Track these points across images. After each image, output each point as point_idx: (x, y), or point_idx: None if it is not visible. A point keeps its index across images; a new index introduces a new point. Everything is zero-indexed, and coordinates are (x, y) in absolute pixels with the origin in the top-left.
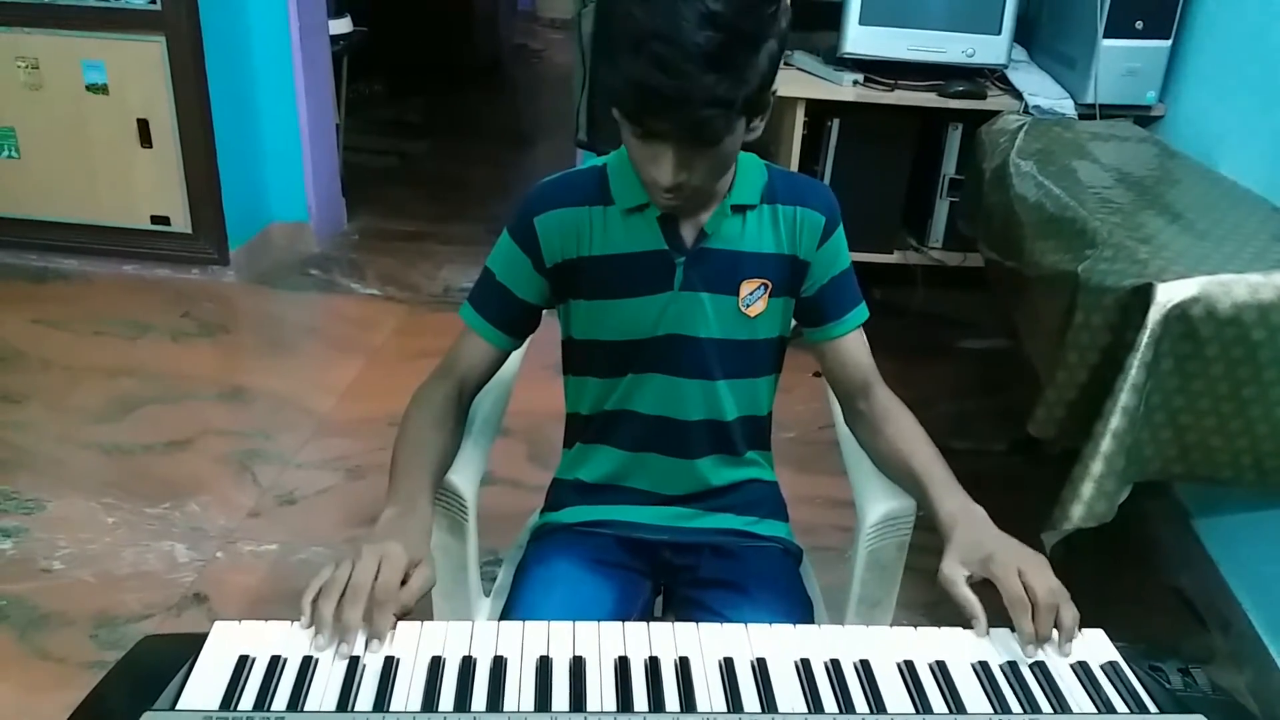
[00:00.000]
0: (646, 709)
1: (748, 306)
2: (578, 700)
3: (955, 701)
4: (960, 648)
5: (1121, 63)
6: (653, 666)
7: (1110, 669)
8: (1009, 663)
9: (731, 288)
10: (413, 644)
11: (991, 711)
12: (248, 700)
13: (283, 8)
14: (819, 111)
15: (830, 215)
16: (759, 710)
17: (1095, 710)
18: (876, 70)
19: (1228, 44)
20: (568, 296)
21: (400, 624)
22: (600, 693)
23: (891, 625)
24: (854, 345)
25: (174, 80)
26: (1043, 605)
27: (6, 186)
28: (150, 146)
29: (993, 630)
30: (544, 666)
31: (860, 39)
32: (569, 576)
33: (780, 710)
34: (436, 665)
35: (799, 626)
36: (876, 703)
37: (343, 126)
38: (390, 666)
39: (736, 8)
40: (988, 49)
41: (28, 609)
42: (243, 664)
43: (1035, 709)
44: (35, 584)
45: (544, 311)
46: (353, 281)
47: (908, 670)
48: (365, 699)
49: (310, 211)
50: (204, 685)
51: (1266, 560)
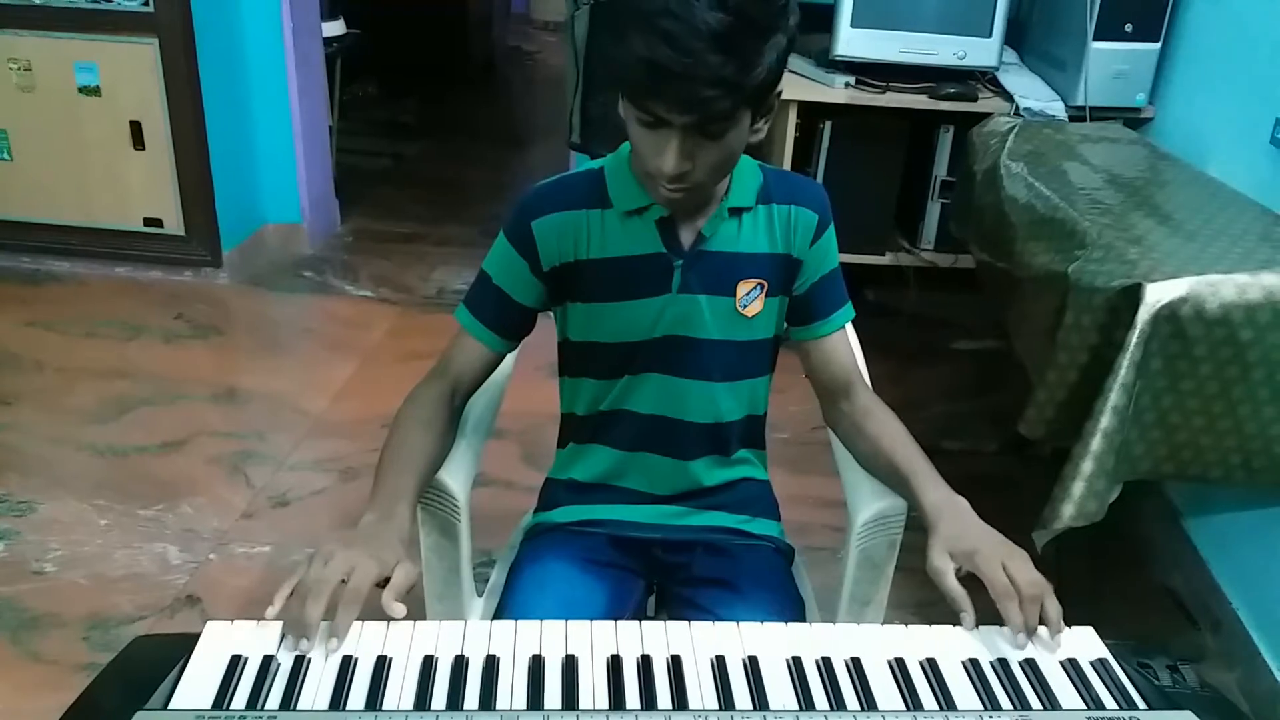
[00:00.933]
0: (639, 707)
1: (745, 307)
2: (570, 699)
3: (946, 699)
4: (951, 646)
5: (1111, 65)
6: (645, 665)
7: (1100, 666)
8: (999, 660)
9: (729, 289)
10: (405, 643)
11: (982, 708)
12: (240, 699)
13: (276, 10)
14: (811, 114)
15: (823, 213)
16: (751, 708)
17: (1085, 707)
18: (868, 72)
19: (1216, 47)
20: (565, 299)
21: (393, 624)
22: (593, 691)
23: (883, 624)
24: (838, 345)
25: (167, 82)
26: (1027, 597)
27: None
28: (143, 149)
29: (982, 628)
30: (536, 665)
31: (852, 41)
32: (562, 576)
33: (772, 708)
34: (429, 664)
35: (790, 625)
36: (867, 700)
37: (336, 128)
38: (383, 666)
39: None
40: (979, 51)
41: (19, 611)
42: (235, 663)
43: (1025, 706)
44: (27, 586)
45: (539, 314)
46: (346, 283)
47: (899, 668)
48: (357, 698)
49: (303, 213)
50: (196, 685)
51: (1257, 559)
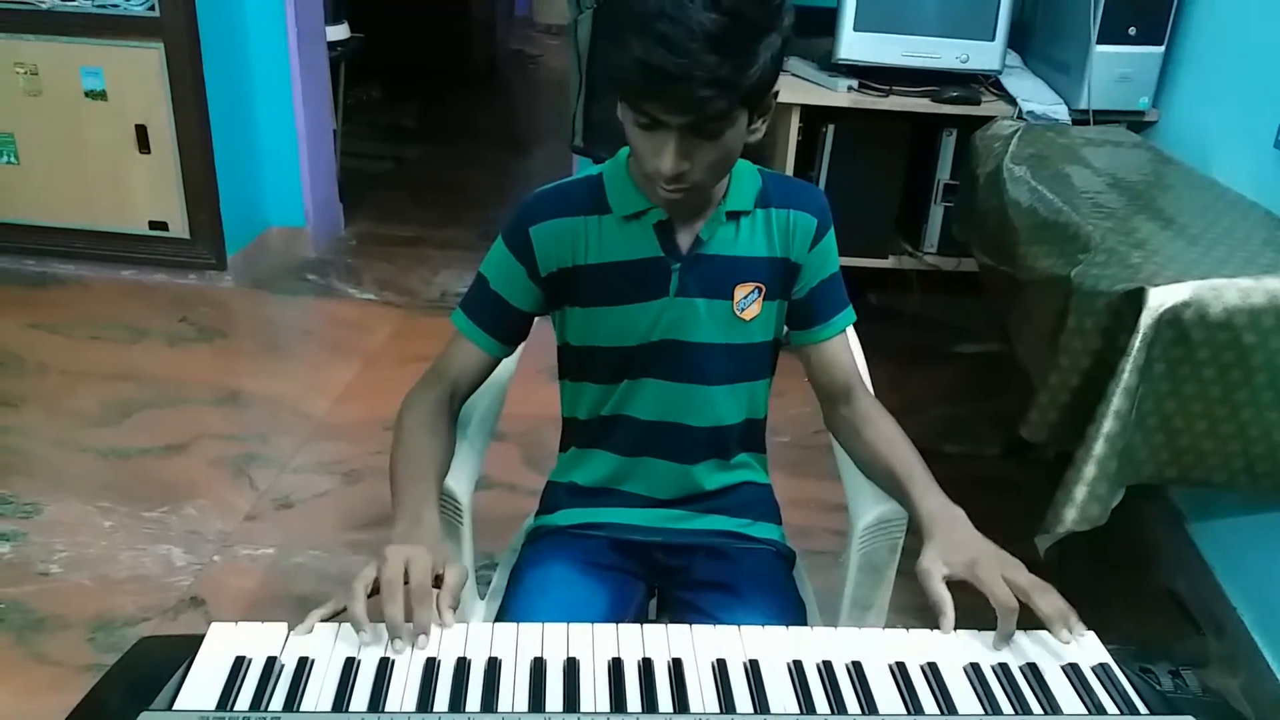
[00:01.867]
0: (640, 710)
1: (742, 310)
2: (571, 701)
3: (947, 702)
4: (952, 649)
5: (1114, 69)
6: (646, 668)
7: (1101, 670)
8: (1000, 664)
9: (726, 292)
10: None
11: (983, 712)
12: (244, 701)
13: (280, 14)
14: (814, 117)
15: (822, 218)
16: (751, 711)
17: (1086, 711)
18: (871, 76)
19: (1220, 50)
20: (563, 304)
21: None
22: (594, 694)
23: (884, 628)
24: (839, 349)
25: (172, 86)
26: (1034, 594)
27: (5, 192)
28: (148, 152)
29: (983, 632)
30: (538, 668)
31: (855, 45)
32: (563, 579)
33: (773, 711)
34: (431, 666)
35: (791, 628)
36: (869, 704)
37: (340, 132)
38: (385, 667)
39: None
40: (982, 55)
41: (25, 612)
42: (239, 665)
43: (1026, 710)
44: (32, 587)
45: (537, 317)
46: (349, 286)
47: (899, 671)
48: (360, 700)
49: (307, 217)
50: (201, 686)
51: (1261, 564)
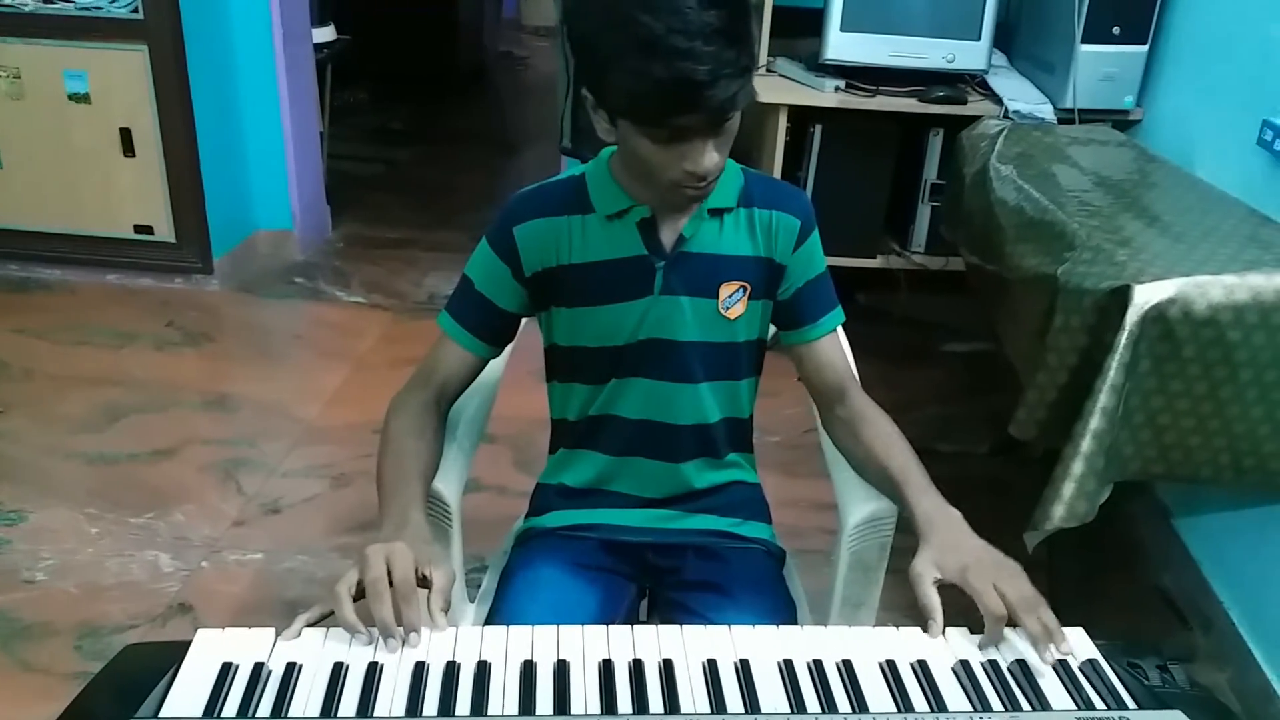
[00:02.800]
0: (630, 711)
1: (727, 309)
2: (562, 704)
3: (937, 700)
4: (941, 647)
5: (1099, 68)
6: (636, 669)
7: (1089, 667)
8: (989, 662)
9: (711, 291)
10: (396, 649)
11: (972, 710)
12: (231, 707)
13: (266, 16)
14: (801, 118)
15: (805, 219)
16: (742, 711)
17: (1075, 707)
18: (858, 76)
19: (1203, 49)
20: (549, 304)
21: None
22: (584, 696)
23: (874, 626)
24: (830, 349)
25: (157, 89)
26: (1021, 610)
27: None
28: (133, 156)
29: (973, 634)
30: (528, 670)
31: (841, 45)
32: (553, 581)
33: (764, 711)
34: (420, 670)
35: (782, 628)
36: (859, 702)
37: (327, 134)
38: (374, 672)
39: None
40: (968, 55)
41: (10, 620)
42: (226, 671)
43: (1015, 707)
44: (18, 595)
45: (524, 319)
46: (337, 289)
47: (890, 670)
48: (349, 705)
49: (295, 219)
50: (187, 693)
51: (1247, 559)
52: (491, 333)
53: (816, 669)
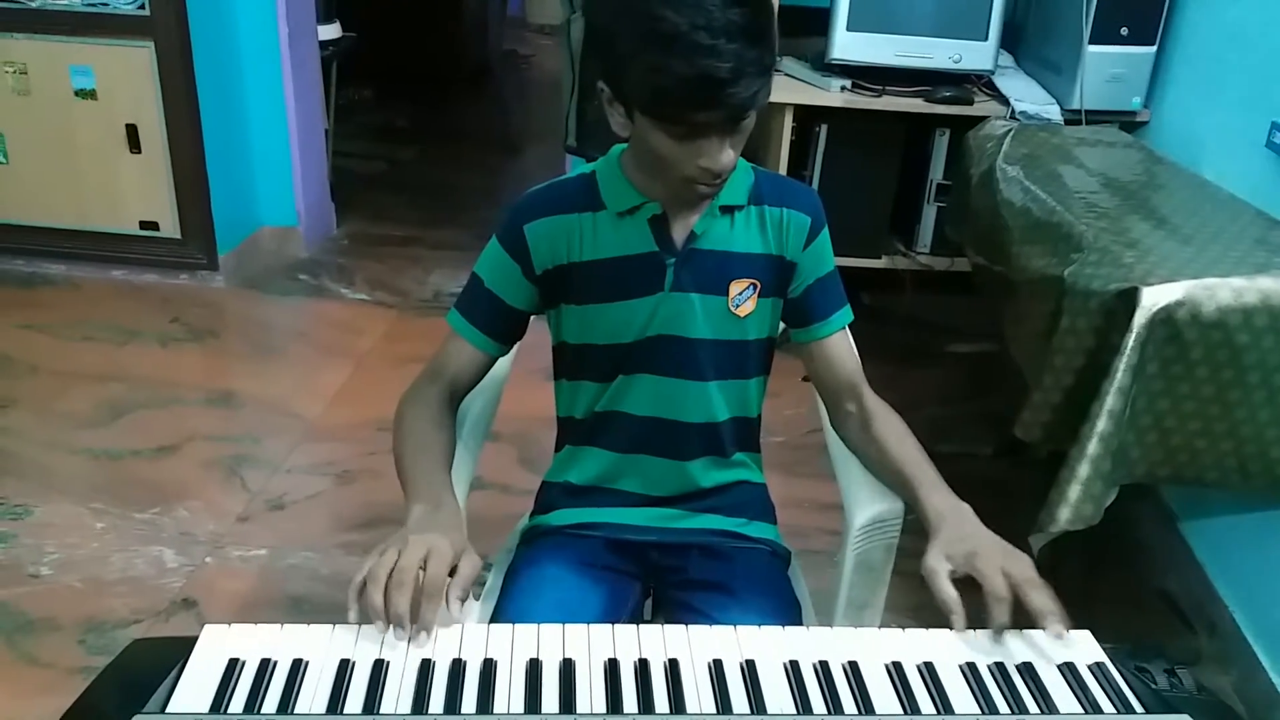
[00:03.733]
0: (636, 710)
1: (737, 306)
2: (567, 702)
3: (943, 702)
4: (947, 649)
5: (1107, 69)
6: (642, 668)
7: (1097, 669)
8: (996, 664)
9: (721, 288)
10: (402, 647)
11: (979, 712)
12: (238, 703)
13: (271, 13)
14: (807, 117)
15: (815, 217)
16: (748, 711)
17: (1082, 710)
18: (864, 76)
19: (1212, 50)
20: (558, 302)
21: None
22: (590, 695)
23: (880, 627)
24: (839, 347)
25: (163, 85)
26: (1028, 589)
27: None
28: (139, 152)
29: (980, 631)
30: (534, 669)
31: (848, 45)
32: (558, 579)
33: (769, 711)
34: (426, 668)
35: (787, 628)
36: (865, 704)
37: (332, 132)
38: (380, 669)
39: None
40: (974, 55)
41: (15, 615)
42: (233, 667)
43: (1022, 709)
44: (23, 590)
45: (532, 317)
46: (342, 286)
47: (895, 671)
48: (355, 702)
49: (299, 216)
50: (194, 688)
51: (1252, 562)
52: (501, 331)
53: (822, 670)
